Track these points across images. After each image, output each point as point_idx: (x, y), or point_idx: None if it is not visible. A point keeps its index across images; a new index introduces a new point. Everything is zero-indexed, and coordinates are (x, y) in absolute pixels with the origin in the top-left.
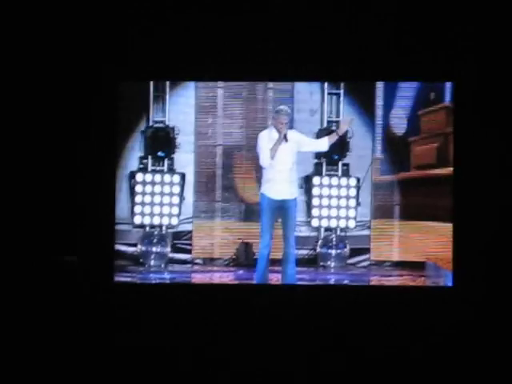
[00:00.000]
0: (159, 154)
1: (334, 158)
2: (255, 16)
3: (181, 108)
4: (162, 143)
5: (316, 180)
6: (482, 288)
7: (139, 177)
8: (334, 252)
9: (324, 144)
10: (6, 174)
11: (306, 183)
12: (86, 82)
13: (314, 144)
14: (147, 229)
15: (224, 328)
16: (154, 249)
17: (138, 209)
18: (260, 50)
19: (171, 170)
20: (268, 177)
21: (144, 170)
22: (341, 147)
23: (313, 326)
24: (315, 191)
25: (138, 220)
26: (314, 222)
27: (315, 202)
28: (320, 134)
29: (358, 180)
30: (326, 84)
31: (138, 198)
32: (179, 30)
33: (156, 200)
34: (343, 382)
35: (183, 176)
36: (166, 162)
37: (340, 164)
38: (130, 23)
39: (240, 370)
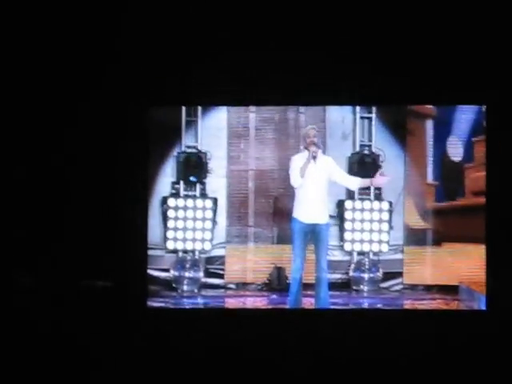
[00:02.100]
0: (191, 178)
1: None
2: (285, 41)
3: (213, 133)
4: (194, 168)
5: (348, 204)
6: None
7: (171, 202)
8: (366, 276)
9: (354, 184)
10: (39, 198)
11: (339, 207)
12: (117, 106)
13: (345, 179)
14: (180, 254)
15: (258, 353)
16: (186, 274)
17: (170, 234)
18: (291, 75)
19: (203, 195)
20: (300, 200)
21: (176, 195)
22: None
23: (346, 351)
24: (348, 215)
25: (170, 245)
26: (347, 246)
27: (348, 225)
28: (353, 159)
29: (391, 204)
30: (357, 108)
31: (170, 223)
32: (211, 55)
33: (189, 225)
34: None
35: (215, 201)
36: (199, 186)
37: (372, 188)
38: (162, 48)
39: None
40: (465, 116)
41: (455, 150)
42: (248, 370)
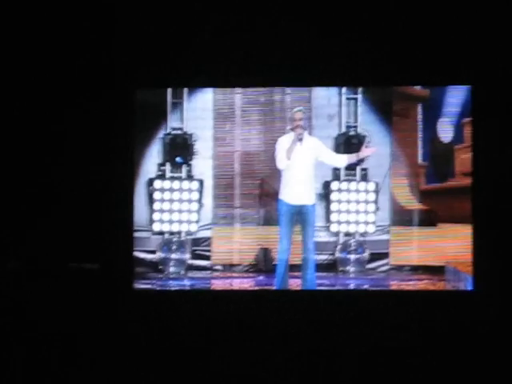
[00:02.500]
0: (177, 159)
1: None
2: (271, 22)
3: (198, 114)
4: (180, 150)
5: (334, 185)
6: (503, 292)
7: (157, 184)
8: (353, 257)
9: (342, 161)
10: (25, 181)
11: (325, 188)
12: (103, 89)
13: (333, 158)
14: (166, 236)
15: (244, 334)
16: (173, 256)
17: (156, 216)
18: (277, 56)
19: (189, 177)
20: (286, 181)
21: (162, 176)
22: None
23: (333, 332)
24: (334, 196)
25: (156, 227)
26: (333, 227)
27: (334, 207)
28: (339, 140)
29: (377, 184)
30: (343, 89)
31: (156, 205)
32: (196, 36)
33: (175, 207)
34: None
35: (201, 182)
36: (185, 168)
37: (358, 169)
38: (147, 31)
39: (261, 375)
40: (455, 97)
41: (445, 132)
42: (235, 351)
